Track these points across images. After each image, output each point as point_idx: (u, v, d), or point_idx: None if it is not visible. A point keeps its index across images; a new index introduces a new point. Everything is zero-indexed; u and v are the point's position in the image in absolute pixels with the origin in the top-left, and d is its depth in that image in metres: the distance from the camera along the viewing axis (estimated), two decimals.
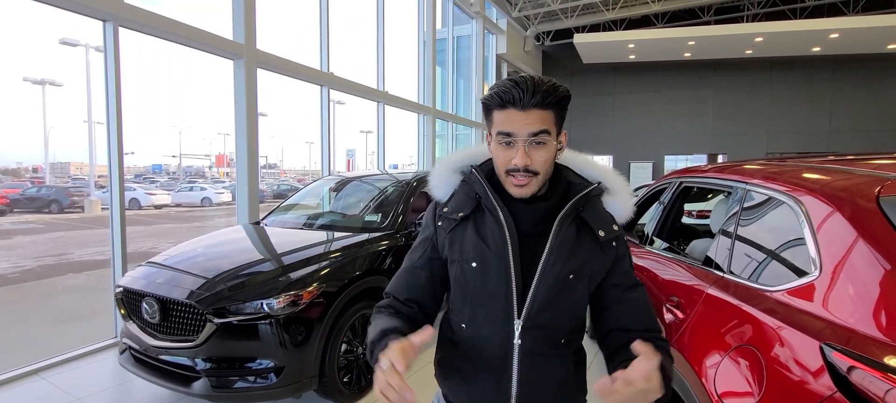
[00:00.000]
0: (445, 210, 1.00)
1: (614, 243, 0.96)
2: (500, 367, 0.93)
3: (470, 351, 0.97)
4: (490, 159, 0.99)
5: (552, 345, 0.94)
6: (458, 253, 0.96)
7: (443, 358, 1.04)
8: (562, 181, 0.98)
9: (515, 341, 0.91)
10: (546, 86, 0.86)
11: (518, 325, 0.91)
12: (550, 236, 0.91)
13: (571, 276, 0.92)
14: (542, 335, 0.92)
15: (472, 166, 1.00)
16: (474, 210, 0.97)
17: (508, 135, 0.88)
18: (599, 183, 0.99)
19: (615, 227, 0.96)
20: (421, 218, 2.03)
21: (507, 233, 0.92)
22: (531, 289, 0.91)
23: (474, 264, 0.94)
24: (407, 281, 1.02)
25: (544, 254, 0.91)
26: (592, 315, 1.02)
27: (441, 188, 1.03)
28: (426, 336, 0.81)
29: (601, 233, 0.94)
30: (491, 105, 0.91)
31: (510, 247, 0.91)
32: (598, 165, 1.04)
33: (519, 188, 0.91)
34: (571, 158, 1.03)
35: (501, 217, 0.93)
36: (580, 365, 1.01)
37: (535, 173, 0.90)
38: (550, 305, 0.92)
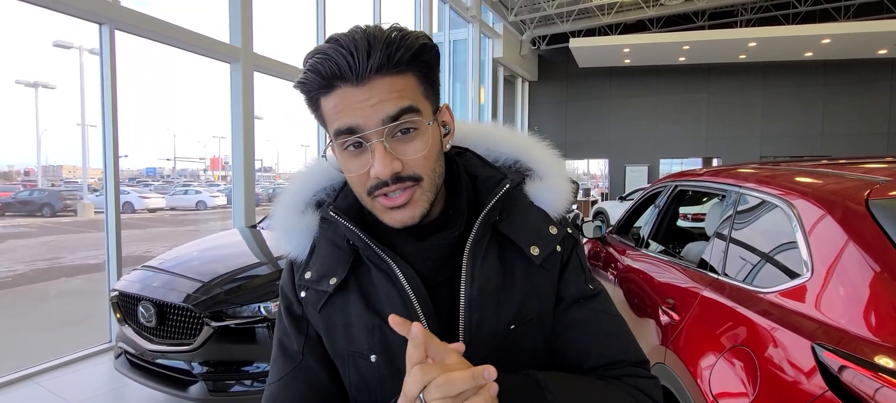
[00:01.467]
0: (308, 276, 0.63)
1: (559, 248, 0.62)
2: None
3: None
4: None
5: None
6: (345, 343, 0.60)
7: None
8: (463, 183, 0.63)
9: None
10: (386, 37, 0.52)
11: None
12: (462, 283, 0.58)
13: (513, 327, 0.59)
14: None
15: (332, 201, 0.64)
16: (353, 267, 0.61)
17: (350, 130, 0.53)
18: (514, 165, 0.66)
19: (553, 230, 0.62)
20: None
21: (411, 295, 0.58)
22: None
23: (374, 357, 0.59)
24: (300, 393, 0.62)
25: (461, 312, 0.58)
26: None
27: (293, 239, 0.65)
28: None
29: (534, 251, 0.60)
30: (312, 89, 0.54)
31: (422, 314, 0.57)
32: (512, 137, 0.69)
33: (397, 211, 0.55)
34: (470, 132, 0.69)
35: (397, 272, 0.58)
36: None
37: (416, 178, 0.55)
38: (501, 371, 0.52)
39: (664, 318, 1.65)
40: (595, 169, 16.47)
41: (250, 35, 4.75)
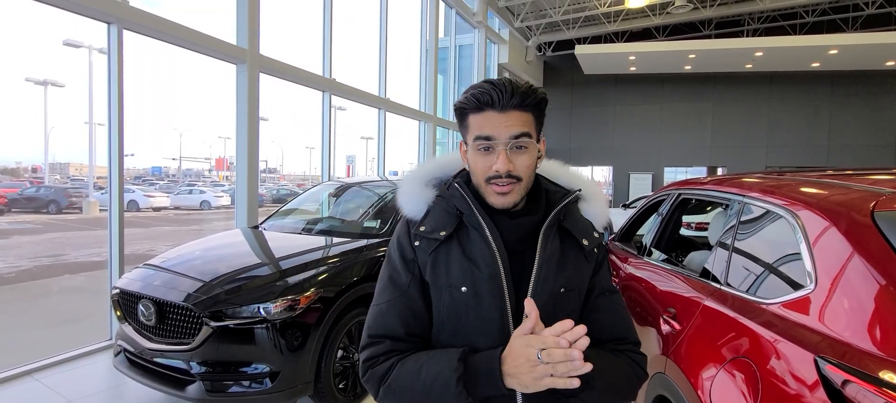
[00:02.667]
0: (423, 229, 0.90)
1: (596, 250, 0.93)
2: (504, 397, 0.81)
3: None
4: (463, 171, 0.94)
5: None
6: (445, 278, 0.87)
7: None
8: (541, 192, 0.92)
9: None
10: (524, 87, 0.83)
11: None
12: (538, 250, 0.86)
13: (563, 290, 0.87)
14: None
15: (452, 179, 0.92)
16: (457, 228, 0.88)
17: (488, 138, 0.83)
18: (579, 190, 0.95)
19: (596, 234, 0.94)
20: None
21: (496, 251, 0.85)
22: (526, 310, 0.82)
23: (464, 289, 0.85)
24: (403, 315, 0.88)
25: (534, 270, 0.85)
26: None
27: (413, 204, 0.94)
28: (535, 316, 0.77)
29: (585, 242, 0.90)
30: (467, 108, 0.86)
31: (502, 266, 0.84)
32: (571, 171, 1.01)
33: (501, 196, 0.85)
34: (544, 166, 0.99)
35: (487, 233, 0.86)
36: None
37: (519, 179, 0.84)
38: (546, 323, 0.82)
39: (665, 327, 1.63)
40: (599, 176, 16.41)
41: (257, 37, 4.77)
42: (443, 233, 0.87)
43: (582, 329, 0.73)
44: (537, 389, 0.74)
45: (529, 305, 0.76)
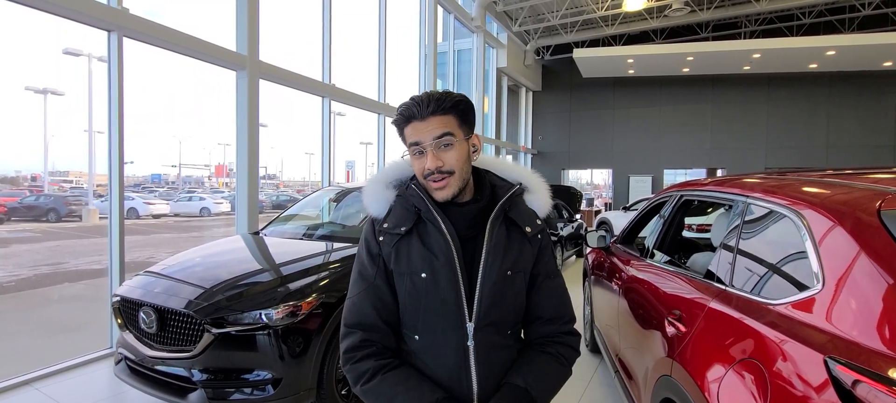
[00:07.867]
0: (386, 226, 1.02)
1: (539, 236, 1.06)
2: (458, 367, 0.98)
3: (426, 359, 1.00)
4: None
5: (502, 337, 1.03)
6: (406, 266, 1.00)
7: None
8: (487, 184, 1.05)
9: (469, 343, 0.98)
10: (438, 95, 0.96)
11: (470, 327, 0.98)
12: (485, 238, 0.99)
13: (509, 272, 1.00)
14: (492, 331, 1.00)
15: (409, 181, 1.04)
16: (416, 223, 1.01)
17: (417, 143, 0.96)
18: (520, 184, 1.07)
19: (538, 222, 1.06)
20: None
21: (450, 240, 0.98)
22: (477, 290, 0.98)
23: (424, 275, 0.98)
24: (374, 304, 1.01)
25: (483, 256, 0.98)
26: None
27: (376, 205, 1.06)
28: None
29: (528, 229, 1.04)
30: (399, 124, 0.99)
31: (455, 253, 0.97)
32: (516, 167, 1.13)
33: (439, 190, 0.98)
34: (491, 162, 1.11)
35: (443, 226, 0.98)
36: (519, 342, 1.10)
37: (450, 172, 0.97)
38: (496, 303, 0.99)
39: (670, 330, 1.62)
40: (599, 178, 16.44)
41: (257, 43, 4.78)
42: (403, 229, 1.00)
43: None
44: None
45: None
